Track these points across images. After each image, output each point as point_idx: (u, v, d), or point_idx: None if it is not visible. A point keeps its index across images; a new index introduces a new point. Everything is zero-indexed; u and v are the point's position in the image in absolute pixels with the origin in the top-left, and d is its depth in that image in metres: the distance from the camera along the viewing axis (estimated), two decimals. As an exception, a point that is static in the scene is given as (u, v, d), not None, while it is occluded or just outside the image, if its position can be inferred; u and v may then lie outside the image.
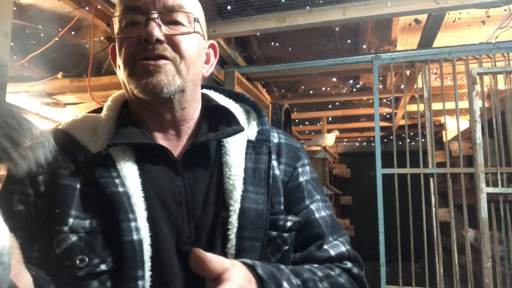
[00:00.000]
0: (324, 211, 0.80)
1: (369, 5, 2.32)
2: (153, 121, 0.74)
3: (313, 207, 0.79)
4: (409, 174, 2.60)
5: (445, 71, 2.81)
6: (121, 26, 0.71)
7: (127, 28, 0.71)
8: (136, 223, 0.64)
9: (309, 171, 0.83)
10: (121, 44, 0.71)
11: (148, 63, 0.67)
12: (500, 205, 2.38)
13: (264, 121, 0.81)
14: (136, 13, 0.69)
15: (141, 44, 0.68)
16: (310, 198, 0.80)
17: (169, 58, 0.69)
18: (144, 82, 0.67)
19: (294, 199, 0.78)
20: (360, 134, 6.42)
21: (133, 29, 0.70)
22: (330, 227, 0.79)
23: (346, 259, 0.76)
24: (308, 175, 0.82)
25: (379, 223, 2.56)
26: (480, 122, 2.44)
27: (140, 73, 0.68)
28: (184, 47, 0.70)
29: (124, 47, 0.70)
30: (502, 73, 2.51)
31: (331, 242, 0.77)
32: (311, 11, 2.41)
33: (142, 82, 0.68)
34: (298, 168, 0.81)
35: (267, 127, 0.80)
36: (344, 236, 0.81)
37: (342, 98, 4.53)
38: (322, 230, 0.76)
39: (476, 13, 2.53)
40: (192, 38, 0.73)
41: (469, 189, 2.65)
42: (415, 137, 5.45)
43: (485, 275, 2.30)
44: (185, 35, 0.71)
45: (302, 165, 0.82)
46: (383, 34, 3.03)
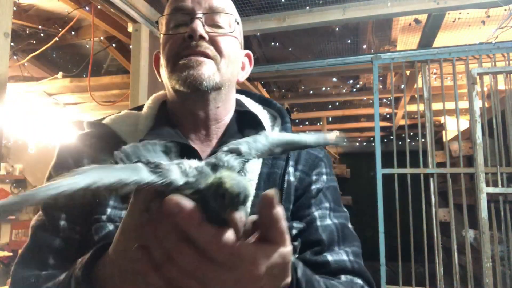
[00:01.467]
0: (331, 220, 0.78)
1: (369, 5, 2.32)
2: (187, 120, 0.78)
3: (316, 214, 0.78)
4: (409, 174, 2.60)
5: (445, 71, 2.81)
6: (168, 26, 0.76)
7: (173, 28, 0.76)
8: None
9: (325, 180, 0.82)
10: (165, 42, 0.76)
11: (190, 58, 0.72)
12: (500, 205, 2.38)
13: (286, 127, 0.83)
14: (183, 12, 0.75)
15: (185, 41, 0.72)
16: (317, 205, 0.79)
17: (210, 56, 0.73)
18: (186, 74, 0.71)
19: (301, 205, 0.78)
20: (360, 134, 6.42)
21: (178, 29, 0.75)
22: (337, 236, 0.77)
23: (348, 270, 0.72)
24: (322, 183, 0.82)
25: (379, 223, 2.56)
26: (480, 122, 2.44)
27: (182, 67, 0.72)
28: (224, 47, 0.75)
29: (169, 45, 0.75)
30: (502, 73, 2.51)
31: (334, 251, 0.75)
32: (311, 11, 2.41)
33: (184, 75, 0.72)
34: (313, 176, 0.81)
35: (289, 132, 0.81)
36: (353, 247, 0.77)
37: (342, 98, 4.53)
38: (322, 238, 0.74)
39: (476, 13, 2.53)
40: (232, 40, 0.78)
41: (469, 189, 2.65)
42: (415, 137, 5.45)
43: (485, 275, 2.30)
44: (226, 36, 0.76)
45: (318, 173, 0.82)
46: (383, 34, 3.03)
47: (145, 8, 2.13)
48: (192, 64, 0.71)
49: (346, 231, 0.79)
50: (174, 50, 0.74)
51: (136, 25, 2.13)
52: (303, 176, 0.80)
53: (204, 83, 0.71)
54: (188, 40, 0.72)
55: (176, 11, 0.76)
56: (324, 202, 0.80)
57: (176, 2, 0.77)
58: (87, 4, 2.34)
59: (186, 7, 0.75)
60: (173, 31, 0.75)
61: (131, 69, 2.14)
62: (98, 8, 2.26)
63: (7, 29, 1.30)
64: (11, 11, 1.34)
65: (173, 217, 0.39)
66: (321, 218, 0.78)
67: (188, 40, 0.72)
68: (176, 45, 0.74)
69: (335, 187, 0.84)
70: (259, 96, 0.92)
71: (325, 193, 0.81)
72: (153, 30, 2.23)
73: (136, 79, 2.11)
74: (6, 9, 1.32)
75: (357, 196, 6.16)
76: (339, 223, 0.79)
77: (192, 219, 0.39)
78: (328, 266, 0.72)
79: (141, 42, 2.12)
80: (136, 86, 2.11)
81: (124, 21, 2.14)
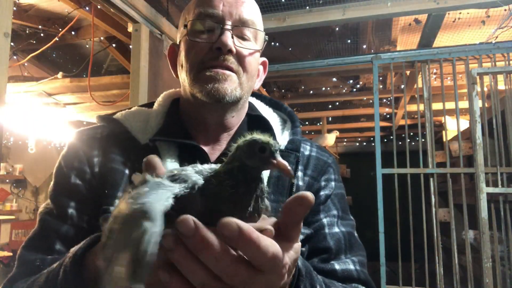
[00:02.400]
0: (339, 228, 0.79)
1: (369, 5, 2.32)
2: (199, 124, 0.79)
3: (325, 221, 0.79)
4: (409, 174, 2.60)
5: (445, 71, 2.81)
6: (194, 30, 0.74)
7: (199, 33, 0.74)
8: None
9: (333, 186, 0.83)
10: (190, 46, 0.74)
11: (217, 71, 0.71)
12: (500, 205, 2.38)
13: (296, 131, 0.84)
14: (212, 19, 0.73)
15: (212, 52, 0.71)
16: (326, 212, 0.80)
17: (234, 70, 0.73)
18: (211, 87, 0.71)
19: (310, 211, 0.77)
20: (360, 134, 6.42)
21: (205, 35, 0.73)
22: (344, 245, 0.78)
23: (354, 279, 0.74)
24: (331, 190, 0.82)
25: (379, 223, 2.56)
26: (480, 122, 2.44)
27: (208, 79, 0.72)
28: (248, 62, 0.75)
29: (195, 51, 0.73)
30: (502, 73, 2.51)
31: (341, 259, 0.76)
32: (311, 11, 2.41)
33: (209, 87, 0.71)
34: (321, 181, 0.81)
35: (299, 137, 0.82)
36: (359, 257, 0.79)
37: (342, 98, 4.53)
38: (330, 246, 0.76)
39: (476, 13, 2.53)
40: (255, 54, 0.78)
41: (469, 189, 2.65)
42: (415, 137, 5.45)
43: (485, 275, 2.30)
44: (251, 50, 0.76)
45: (327, 179, 0.82)
46: (383, 34, 3.03)
47: (145, 8, 2.13)
48: (218, 78, 0.71)
49: (353, 240, 0.80)
50: (199, 58, 0.73)
51: (136, 25, 2.13)
52: (311, 181, 0.80)
53: (227, 98, 0.72)
54: (216, 52, 0.71)
55: (205, 16, 0.73)
56: (332, 209, 0.81)
57: (205, 6, 0.74)
58: (87, 4, 2.34)
59: (216, 14, 0.73)
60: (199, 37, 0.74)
61: (131, 69, 2.14)
62: (98, 8, 2.26)
63: (7, 29, 1.30)
64: (11, 11, 1.34)
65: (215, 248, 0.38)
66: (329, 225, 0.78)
67: (216, 51, 0.71)
68: (202, 53, 0.72)
69: (343, 195, 0.85)
70: (269, 99, 0.92)
71: (333, 200, 0.82)
72: (153, 30, 2.23)
73: (136, 79, 2.11)
74: (6, 9, 1.32)
75: (357, 196, 6.16)
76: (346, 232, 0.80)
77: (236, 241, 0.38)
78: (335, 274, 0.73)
79: (141, 42, 2.12)
80: (136, 86, 2.11)
81: (124, 21, 2.14)
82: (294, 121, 0.86)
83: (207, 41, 0.72)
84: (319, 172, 0.82)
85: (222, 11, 0.73)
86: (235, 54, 0.73)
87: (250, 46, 0.76)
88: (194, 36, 0.74)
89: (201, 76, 0.72)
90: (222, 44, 0.70)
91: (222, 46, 0.70)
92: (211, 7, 0.73)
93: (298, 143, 0.81)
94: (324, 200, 0.80)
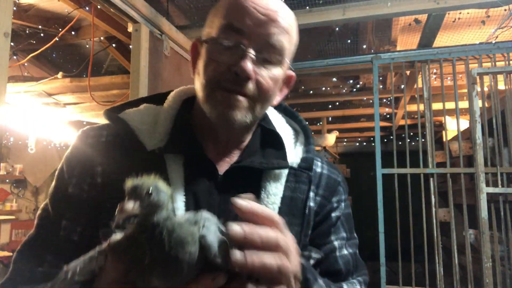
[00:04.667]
0: (347, 250, 0.80)
1: (369, 5, 2.32)
2: (209, 133, 0.75)
3: (336, 244, 0.79)
4: (409, 174, 2.60)
5: (445, 71, 2.81)
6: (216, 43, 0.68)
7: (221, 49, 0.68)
8: None
9: (343, 207, 0.83)
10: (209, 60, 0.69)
11: (229, 95, 0.67)
12: (500, 205, 2.38)
13: (310, 149, 0.80)
14: (237, 37, 0.67)
15: (229, 73, 0.67)
16: (336, 234, 0.80)
17: (249, 96, 0.68)
18: (220, 111, 0.68)
19: (320, 232, 0.78)
20: (360, 134, 6.42)
21: (226, 53, 0.67)
22: (352, 266, 0.79)
23: None
24: (341, 211, 0.82)
25: (379, 223, 2.56)
26: (480, 122, 2.44)
27: (219, 101, 0.68)
28: (267, 89, 0.70)
29: (212, 68, 0.69)
30: (502, 73, 2.51)
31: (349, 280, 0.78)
32: (311, 11, 2.41)
33: (218, 111, 0.68)
34: (333, 203, 0.81)
35: (312, 155, 0.79)
36: (363, 276, 0.81)
37: (342, 98, 4.53)
38: (340, 268, 0.77)
39: (476, 13, 2.53)
40: (277, 78, 0.72)
41: (469, 189, 2.65)
42: (415, 137, 5.45)
43: (485, 275, 2.30)
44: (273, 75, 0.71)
45: (338, 200, 0.82)
46: (383, 34, 3.03)
47: (145, 8, 2.13)
48: (230, 103, 0.67)
49: (358, 260, 0.82)
50: (216, 76, 0.68)
51: (136, 25, 2.13)
52: (323, 202, 0.79)
53: (235, 125, 0.69)
54: (233, 75, 0.66)
55: (231, 31, 0.67)
56: (341, 231, 0.81)
57: (234, 19, 0.67)
58: (87, 4, 2.34)
59: (242, 32, 0.67)
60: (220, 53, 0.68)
61: (131, 69, 2.14)
62: (98, 8, 2.26)
63: (7, 29, 1.30)
64: (11, 11, 1.34)
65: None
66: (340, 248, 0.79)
67: (234, 75, 0.66)
68: (219, 72, 0.68)
69: (349, 214, 0.85)
70: (284, 108, 0.88)
71: (342, 221, 0.82)
72: (153, 30, 2.23)
73: (136, 79, 2.11)
74: (6, 9, 1.32)
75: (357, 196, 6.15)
76: (353, 253, 0.81)
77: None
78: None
79: (141, 42, 2.12)
80: (136, 86, 2.11)
81: (124, 21, 2.14)
82: (308, 137, 0.82)
83: (227, 61, 0.67)
84: (331, 192, 0.81)
85: (249, 29, 0.67)
86: (253, 80, 0.68)
87: (274, 71, 0.70)
88: (215, 50, 0.68)
89: (213, 96, 0.69)
90: (241, 70, 0.65)
91: (240, 73, 0.65)
92: (239, 22, 0.67)
93: (311, 162, 0.78)
94: (335, 222, 0.80)
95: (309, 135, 0.83)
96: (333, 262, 0.77)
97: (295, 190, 0.73)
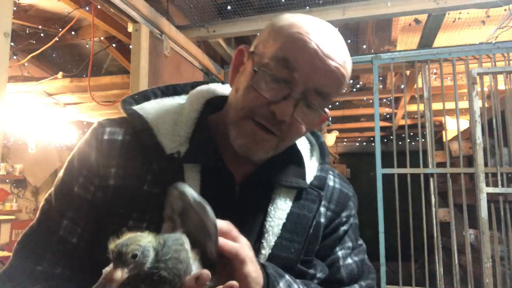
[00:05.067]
0: (352, 258, 0.80)
1: (369, 5, 2.32)
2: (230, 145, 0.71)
3: (340, 254, 0.79)
4: (409, 174, 2.60)
5: (445, 71, 2.81)
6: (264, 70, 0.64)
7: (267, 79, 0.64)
8: None
9: (352, 222, 0.83)
10: (254, 85, 0.64)
11: (258, 131, 0.65)
12: (500, 205, 2.38)
13: (325, 168, 0.79)
14: (288, 75, 0.63)
15: (267, 109, 0.63)
16: (342, 244, 0.80)
17: (277, 135, 0.66)
18: (244, 143, 0.66)
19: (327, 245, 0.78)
20: (360, 134, 6.41)
21: (271, 86, 0.63)
22: (356, 274, 0.80)
23: None
24: (349, 225, 0.82)
25: (379, 223, 2.56)
26: (480, 122, 2.44)
27: (246, 133, 0.66)
28: (296, 132, 0.68)
29: (252, 96, 0.64)
30: (502, 73, 2.51)
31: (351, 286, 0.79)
32: (311, 11, 2.41)
33: (243, 142, 0.67)
34: (343, 217, 0.80)
35: (325, 175, 0.78)
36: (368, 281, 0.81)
37: (342, 98, 4.52)
38: (342, 277, 0.78)
39: (476, 13, 2.53)
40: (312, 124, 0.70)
41: (469, 189, 2.65)
42: (415, 137, 5.45)
43: (485, 275, 2.29)
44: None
45: (348, 215, 0.82)
46: (383, 34, 3.02)
47: (145, 8, 2.13)
48: (256, 140, 0.65)
49: (364, 266, 0.82)
50: (252, 105, 0.65)
51: (136, 25, 2.12)
52: (333, 216, 0.79)
53: (255, 158, 0.68)
54: (270, 113, 0.63)
55: (283, 66, 0.62)
56: (347, 242, 0.81)
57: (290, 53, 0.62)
58: (87, 4, 2.34)
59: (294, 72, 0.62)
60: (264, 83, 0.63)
61: (131, 69, 2.14)
62: (98, 8, 2.26)
63: (7, 29, 1.30)
64: (11, 11, 1.34)
65: None
66: (344, 258, 0.80)
67: (271, 113, 0.63)
68: (257, 104, 0.64)
69: (357, 224, 0.85)
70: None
71: (349, 233, 0.82)
72: (153, 30, 2.23)
73: (136, 79, 2.11)
74: (6, 9, 1.32)
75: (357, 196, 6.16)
76: (359, 260, 0.82)
77: None
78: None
79: (141, 42, 2.12)
80: (136, 86, 2.11)
81: (124, 21, 2.14)
82: (324, 155, 0.81)
83: (269, 97, 0.63)
84: (341, 207, 0.80)
85: (303, 72, 0.62)
86: (288, 122, 0.65)
87: (311, 115, 0.66)
88: (261, 79, 0.64)
89: (243, 125, 0.66)
90: (279, 112, 0.62)
91: (278, 114, 0.62)
92: (296, 61, 0.62)
93: (324, 182, 0.77)
94: (342, 235, 0.80)
95: (325, 153, 0.82)
96: (335, 271, 0.78)
97: (303, 208, 0.73)
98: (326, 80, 0.64)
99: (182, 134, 0.70)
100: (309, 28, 0.64)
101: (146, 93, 0.77)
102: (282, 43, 0.64)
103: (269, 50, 0.65)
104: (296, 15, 0.68)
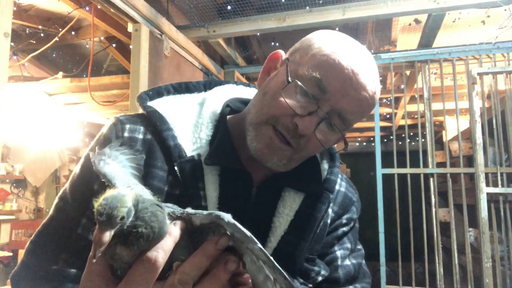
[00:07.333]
0: (350, 260, 0.82)
1: (369, 5, 2.32)
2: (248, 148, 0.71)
3: (339, 253, 0.80)
4: (409, 174, 2.60)
5: (445, 71, 2.81)
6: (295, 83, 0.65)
7: (298, 92, 0.65)
8: None
9: (352, 225, 0.84)
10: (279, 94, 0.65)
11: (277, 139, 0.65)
12: (500, 205, 2.38)
13: (334, 172, 0.80)
14: (318, 94, 0.64)
15: (290, 120, 0.64)
16: (340, 245, 0.82)
17: (294, 147, 0.66)
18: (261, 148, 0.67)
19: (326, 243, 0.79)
20: (360, 134, 6.41)
21: (299, 100, 0.64)
22: (352, 276, 0.81)
23: None
24: (349, 228, 0.83)
25: (379, 223, 2.56)
26: (480, 122, 2.44)
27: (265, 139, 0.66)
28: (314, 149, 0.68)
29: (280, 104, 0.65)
30: (502, 73, 2.51)
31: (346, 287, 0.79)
32: (311, 11, 2.41)
33: (259, 147, 0.67)
34: (343, 219, 0.82)
35: (335, 177, 0.79)
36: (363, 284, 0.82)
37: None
38: (339, 277, 0.78)
39: (476, 13, 2.53)
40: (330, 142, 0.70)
41: (469, 189, 2.65)
42: (415, 137, 5.44)
43: (485, 275, 2.30)
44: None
45: (349, 218, 0.83)
46: (383, 34, 3.02)
47: (145, 8, 2.13)
48: (273, 148, 0.66)
49: (361, 270, 0.84)
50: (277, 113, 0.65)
51: (136, 25, 2.13)
52: (335, 217, 0.81)
53: (268, 165, 0.68)
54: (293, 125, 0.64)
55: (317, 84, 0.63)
56: (346, 243, 0.83)
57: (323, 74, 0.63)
58: (87, 4, 2.34)
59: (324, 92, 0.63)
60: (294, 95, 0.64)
61: (131, 69, 2.14)
62: (98, 8, 2.26)
63: (7, 29, 1.30)
64: (11, 11, 1.34)
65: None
66: (342, 258, 0.81)
67: (293, 125, 0.64)
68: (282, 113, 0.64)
69: (357, 229, 0.86)
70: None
71: (348, 235, 0.84)
72: (153, 30, 2.23)
73: (136, 79, 2.11)
74: (6, 9, 1.32)
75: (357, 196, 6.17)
76: (356, 263, 0.83)
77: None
78: None
79: (141, 42, 2.12)
80: (136, 86, 2.11)
81: (124, 21, 2.14)
82: (334, 159, 0.82)
83: (295, 109, 0.63)
84: (344, 210, 0.82)
85: (333, 95, 0.63)
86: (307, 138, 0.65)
87: (331, 136, 0.67)
88: (291, 91, 0.64)
89: (263, 130, 0.66)
90: (302, 126, 0.63)
91: (300, 129, 0.63)
92: (328, 83, 0.63)
93: (334, 185, 0.78)
94: (341, 235, 0.82)
95: (335, 157, 0.82)
96: (333, 270, 0.78)
97: (312, 208, 0.74)
98: (353, 108, 0.65)
99: (203, 136, 0.71)
100: (347, 53, 0.65)
101: (160, 90, 0.77)
102: (319, 62, 0.64)
103: (305, 64, 0.65)
104: (338, 35, 0.70)
